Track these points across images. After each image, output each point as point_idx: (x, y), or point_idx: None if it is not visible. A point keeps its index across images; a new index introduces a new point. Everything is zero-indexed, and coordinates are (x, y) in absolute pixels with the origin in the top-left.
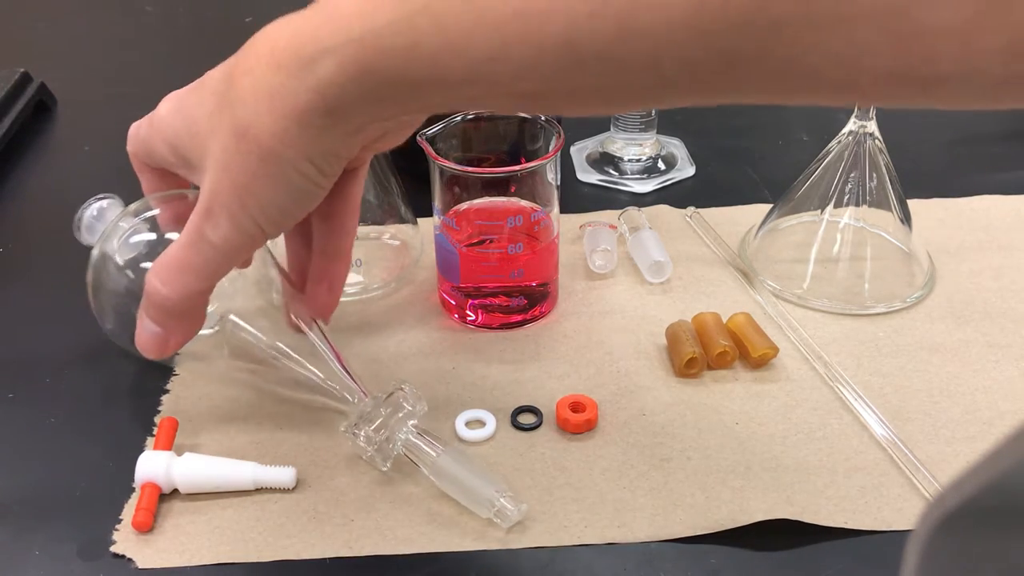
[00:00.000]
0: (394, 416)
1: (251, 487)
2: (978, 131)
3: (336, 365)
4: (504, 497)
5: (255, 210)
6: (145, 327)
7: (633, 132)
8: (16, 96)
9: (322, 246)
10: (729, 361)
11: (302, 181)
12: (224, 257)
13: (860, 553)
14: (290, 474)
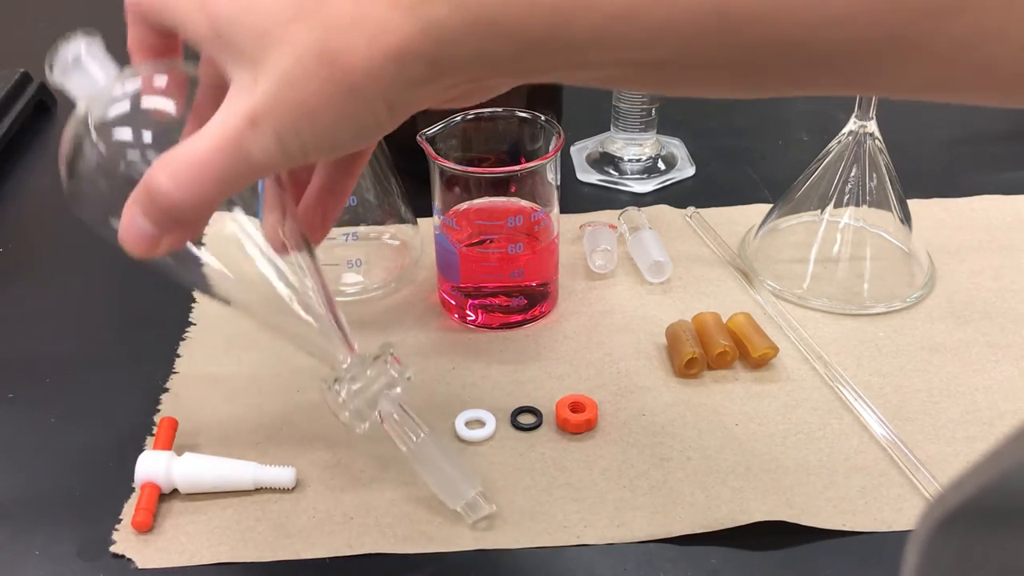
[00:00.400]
0: (378, 380)
1: (251, 487)
2: (978, 131)
3: (323, 302)
4: (476, 492)
5: (308, 135)
6: (136, 224)
7: (633, 132)
8: (16, 96)
9: (327, 182)
10: (729, 361)
11: (371, 122)
12: (253, 172)
13: (860, 553)
14: (290, 474)
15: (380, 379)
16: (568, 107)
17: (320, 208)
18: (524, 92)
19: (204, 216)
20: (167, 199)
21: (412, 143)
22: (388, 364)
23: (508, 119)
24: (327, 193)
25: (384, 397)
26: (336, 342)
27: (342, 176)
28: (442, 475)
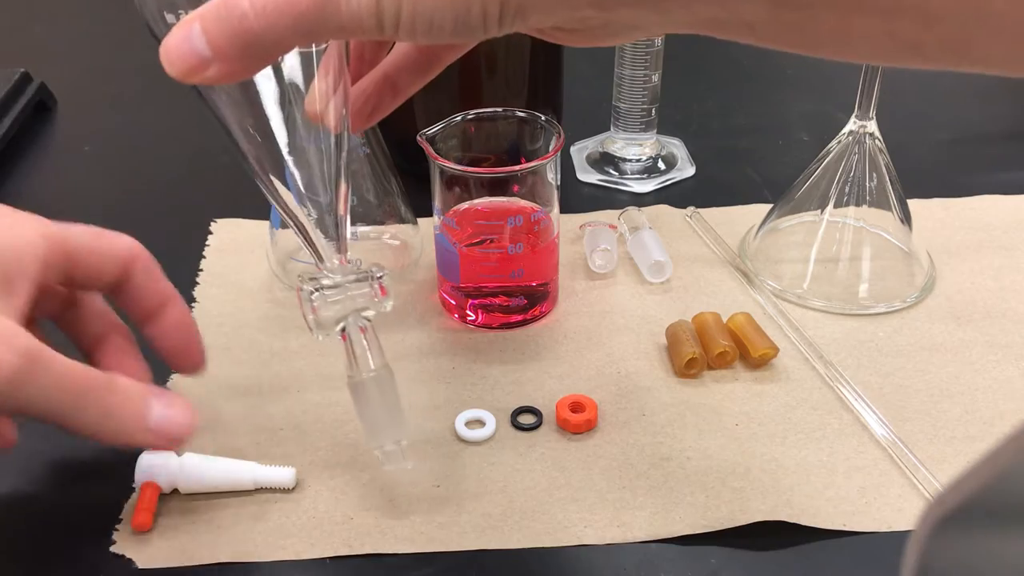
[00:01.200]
0: (356, 297)
1: (251, 487)
2: (978, 131)
3: (332, 197)
4: (399, 444)
5: (408, 7)
6: (191, 41)
7: (633, 132)
8: (16, 96)
9: (392, 74)
10: (729, 361)
11: (478, 15)
12: (336, 28)
13: (860, 553)
14: (290, 474)
15: (358, 297)
16: (568, 107)
17: (374, 98)
18: (524, 92)
19: (265, 57)
20: (242, 24)
21: (412, 143)
22: (372, 286)
23: (508, 119)
24: (388, 86)
25: (355, 315)
26: (331, 242)
27: (411, 74)
28: (372, 416)
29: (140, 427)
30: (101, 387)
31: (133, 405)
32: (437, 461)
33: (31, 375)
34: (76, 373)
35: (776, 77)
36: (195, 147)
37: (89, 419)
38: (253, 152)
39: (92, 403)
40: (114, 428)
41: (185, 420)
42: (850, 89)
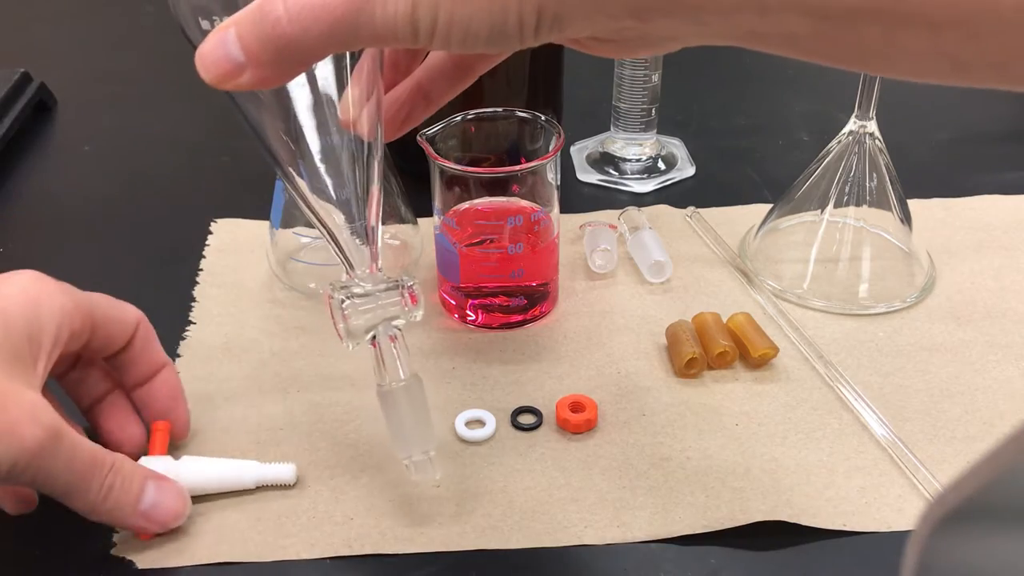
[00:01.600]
0: (387, 306)
1: (252, 486)
2: (978, 131)
3: (364, 204)
4: (427, 455)
5: (444, 15)
6: (226, 46)
7: (633, 132)
8: (16, 96)
9: (426, 83)
10: (729, 361)
11: (514, 25)
12: (370, 35)
13: (860, 553)
14: (290, 470)
15: (389, 306)
16: (568, 107)
17: (406, 107)
18: (524, 92)
19: (299, 64)
20: (276, 29)
21: (412, 143)
22: (404, 295)
23: (508, 119)
24: (421, 95)
25: (385, 325)
26: (362, 250)
27: (444, 83)
28: (401, 426)
29: (133, 511)
30: (106, 467)
31: (130, 488)
32: (437, 461)
33: (53, 452)
34: (88, 452)
35: (776, 77)
36: (195, 147)
37: (90, 498)
38: (286, 158)
39: (96, 483)
40: (109, 508)
41: (176, 508)
42: (850, 89)
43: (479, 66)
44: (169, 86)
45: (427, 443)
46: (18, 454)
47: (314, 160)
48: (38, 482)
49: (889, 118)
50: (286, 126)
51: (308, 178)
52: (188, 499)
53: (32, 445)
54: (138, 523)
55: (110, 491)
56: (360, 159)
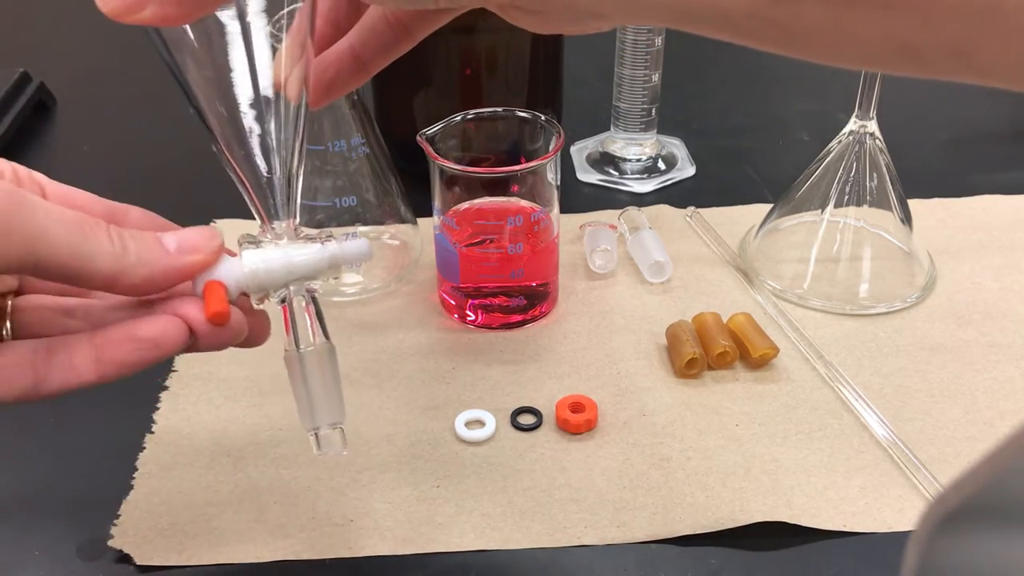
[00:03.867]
0: (302, 262)
1: (327, 266)
2: (978, 131)
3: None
4: (334, 426)
5: None
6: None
7: (633, 132)
8: (16, 96)
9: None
10: (729, 361)
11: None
12: None
13: (860, 553)
14: (365, 244)
15: (305, 262)
16: (568, 107)
17: (333, 68)
18: (524, 92)
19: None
20: None
21: (412, 143)
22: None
23: (508, 119)
24: (352, 58)
25: (298, 284)
26: (278, 203)
27: (378, 49)
28: (309, 394)
29: (165, 252)
30: (102, 224)
31: (144, 235)
32: (437, 461)
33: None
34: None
35: (776, 77)
36: (195, 147)
37: (109, 251)
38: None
39: (102, 236)
40: (137, 259)
41: (203, 232)
42: (850, 89)
43: (416, 30)
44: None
45: (335, 414)
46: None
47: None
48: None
49: (889, 118)
50: (212, 71)
51: (227, 121)
52: (215, 229)
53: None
54: (179, 261)
55: (123, 240)
56: (286, 113)
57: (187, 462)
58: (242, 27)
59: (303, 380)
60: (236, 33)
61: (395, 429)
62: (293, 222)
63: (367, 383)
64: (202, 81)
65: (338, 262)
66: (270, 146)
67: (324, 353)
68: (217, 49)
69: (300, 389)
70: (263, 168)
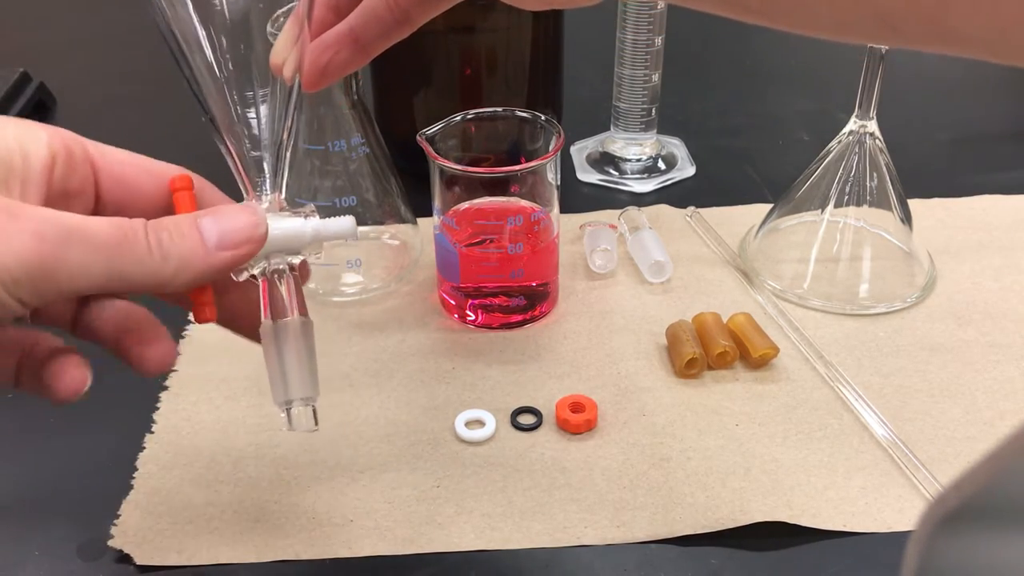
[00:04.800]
0: (277, 238)
1: (310, 240)
2: (978, 131)
3: (274, 135)
4: (306, 402)
5: None
6: None
7: (633, 132)
8: (15, 96)
9: (359, 29)
10: (729, 361)
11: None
12: None
13: (860, 553)
14: (350, 222)
15: (284, 234)
16: (568, 107)
17: (331, 50)
18: (524, 92)
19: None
20: None
21: (412, 143)
22: (302, 228)
23: (508, 119)
24: (351, 40)
25: (279, 258)
26: (265, 175)
27: (378, 32)
28: (283, 367)
29: (205, 252)
30: (139, 227)
31: (183, 232)
32: (437, 461)
33: (59, 244)
34: (104, 222)
35: (776, 76)
36: (195, 147)
37: (148, 264)
38: (198, 67)
39: (139, 246)
40: (178, 265)
41: (251, 219)
42: (850, 89)
43: (415, 15)
44: (169, 86)
45: (308, 389)
46: (22, 262)
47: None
48: (77, 282)
49: (889, 118)
50: (207, 43)
51: (218, 91)
52: (258, 209)
53: (28, 241)
54: (221, 260)
55: (163, 247)
56: (279, 89)
57: (187, 462)
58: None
59: (277, 353)
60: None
61: (395, 429)
62: (279, 196)
63: (367, 383)
64: (197, 50)
65: (320, 237)
66: (259, 119)
67: (299, 326)
68: (217, 21)
69: (274, 362)
70: (250, 141)
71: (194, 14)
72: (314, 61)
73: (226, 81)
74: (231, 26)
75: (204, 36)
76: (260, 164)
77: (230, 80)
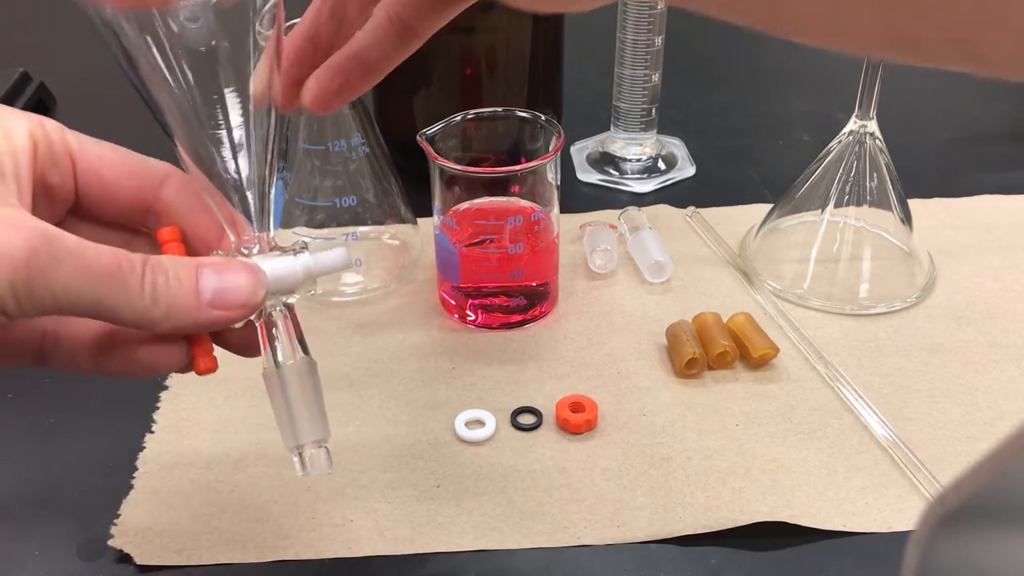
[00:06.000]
0: (271, 282)
1: (303, 277)
2: (978, 131)
3: (260, 173)
4: (319, 444)
5: None
6: None
7: (633, 132)
8: (15, 96)
9: (367, 50)
10: (729, 361)
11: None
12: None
13: (860, 553)
14: (342, 253)
15: (278, 276)
16: (568, 107)
17: (341, 75)
18: (524, 92)
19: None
20: None
21: (412, 143)
22: (294, 265)
23: (508, 119)
24: (358, 62)
25: (274, 299)
26: (252, 217)
27: (384, 50)
28: (291, 412)
29: (197, 305)
30: (138, 265)
31: (181, 279)
32: (437, 461)
33: (52, 256)
34: (105, 251)
35: (776, 77)
36: None
37: (136, 304)
38: (174, 107)
39: (132, 285)
40: (166, 312)
41: (249, 283)
42: (850, 89)
43: (419, 29)
44: None
45: (319, 431)
46: (9, 270)
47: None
48: (61, 302)
49: (889, 118)
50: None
51: (195, 136)
52: (261, 272)
53: (17, 250)
54: (210, 317)
55: (155, 290)
56: (259, 121)
57: (187, 462)
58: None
59: (283, 397)
60: (206, 59)
61: (395, 429)
62: (267, 235)
63: (367, 383)
64: (169, 100)
65: (313, 274)
66: (241, 163)
67: (304, 368)
68: (188, 73)
69: (281, 407)
70: (234, 183)
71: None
72: (325, 85)
73: (198, 119)
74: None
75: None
76: (246, 207)
77: (202, 118)
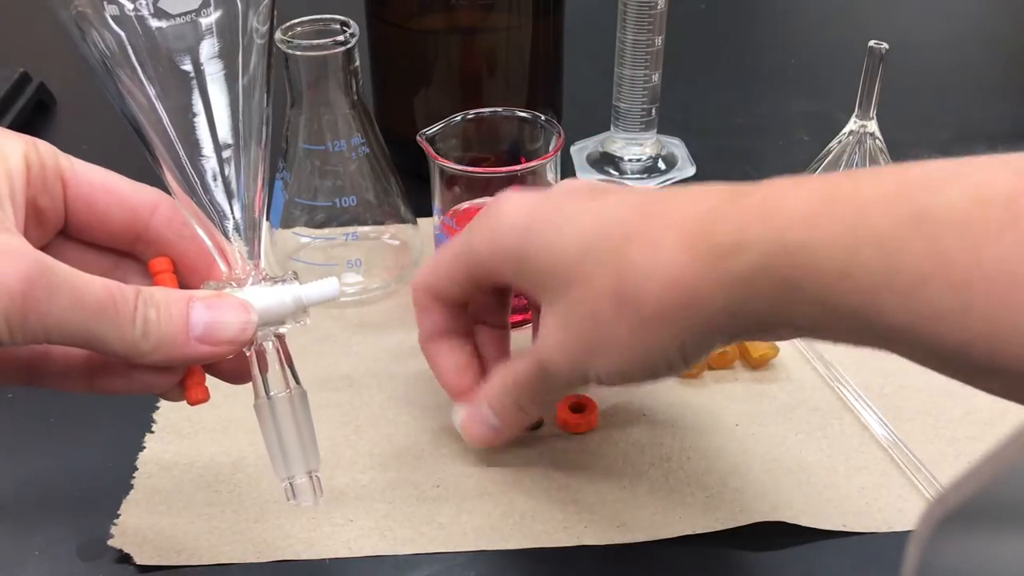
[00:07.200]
0: (261, 313)
1: (293, 307)
2: (978, 131)
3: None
4: (310, 474)
5: (601, 365)
6: None
7: (633, 132)
8: (15, 96)
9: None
10: (729, 361)
11: (661, 361)
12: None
13: (861, 553)
14: (333, 284)
15: (267, 307)
16: (568, 107)
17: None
18: (524, 92)
19: None
20: None
21: (412, 143)
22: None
23: (508, 119)
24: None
25: (264, 330)
26: (241, 246)
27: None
28: (283, 442)
29: (186, 339)
30: (131, 297)
31: (172, 313)
32: (437, 461)
33: (47, 287)
34: (98, 283)
35: (776, 77)
36: None
37: (128, 337)
38: (165, 149)
39: (124, 317)
40: (156, 345)
41: (239, 319)
42: (850, 89)
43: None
44: None
45: (310, 462)
46: (6, 300)
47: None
48: (52, 334)
49: (889, 118)
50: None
51: (185, 170)
52: (251, 309)
53: (14, 282)
54: (198, 352)
55: (147, 324)
56: (247, 160)
57: (187, 462)
58: (198, 81)
59: (275, 428)
60: (193, 86)
61: (395, 429)
62: (258, 265)
63: (367, 383)
64: (161, 133)
65: (304, 304)
66: (231, 193)
67: (296, 399)
68: (175, 102)
69: (272, 438)
70: (224, 215)
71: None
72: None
73: (184, 152)
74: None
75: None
76: (236, 237)
77: (189, 149)
